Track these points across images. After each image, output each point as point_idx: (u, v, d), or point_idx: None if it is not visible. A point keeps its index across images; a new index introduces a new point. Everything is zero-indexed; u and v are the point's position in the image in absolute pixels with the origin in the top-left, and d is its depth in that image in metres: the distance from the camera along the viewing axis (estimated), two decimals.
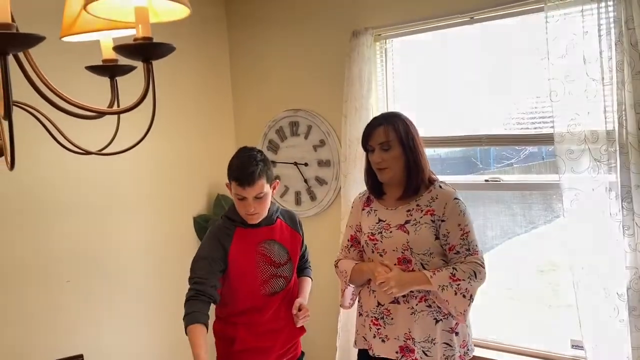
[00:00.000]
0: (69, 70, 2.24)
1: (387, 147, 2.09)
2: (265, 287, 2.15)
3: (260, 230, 2.17)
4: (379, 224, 2.16)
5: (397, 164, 2.10)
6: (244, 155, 2.11)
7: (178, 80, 3.41)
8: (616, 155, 2.29)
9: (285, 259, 2.20)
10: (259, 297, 2.15)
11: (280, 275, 2.19)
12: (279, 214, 2.26)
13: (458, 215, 2.08)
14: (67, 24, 1.13)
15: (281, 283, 2.19)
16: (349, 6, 3.14)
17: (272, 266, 2.17)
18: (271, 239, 2.19)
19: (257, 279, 2.14)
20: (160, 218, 3.33)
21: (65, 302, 2.84)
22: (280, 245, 2.20)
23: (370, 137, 2.13)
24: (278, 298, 2.19)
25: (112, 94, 1.16)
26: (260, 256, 2.15)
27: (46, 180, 2.75)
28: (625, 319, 2.31)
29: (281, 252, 2.20)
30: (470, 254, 2.06)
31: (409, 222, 2.10)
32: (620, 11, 2.21)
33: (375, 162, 2.12)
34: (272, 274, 2.17)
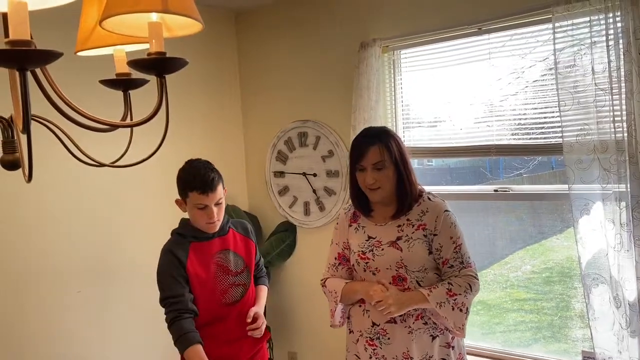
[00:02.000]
0: (81, 83, 2.27)
1: (381, 167, 1.99)
2: (225, 297, 2.19)
3: (213, 241, 2.21)
4: (369, 242, 2.07)
5: (389, 182, 2.01)
6: (197, 166, 2.15)
7: (188, 91, 3.44)
8: (626, 165, 2.29)
9: (241, 267, 2.25)
10: (220, 307, 2.18)
11: (239, 284, 2.23)
12: (230, 224, 2.30)
13: (450, 228, 2.01)
14: (82, 39, 1.15)
15: (240, 291, 2.23)
16: (357, 18, 3.17)
17: (229, 275, 2.20)
18: (226, 248, 2.23)
19: (217, 289, 2.17)
20: (169, 228, 3.34)
21: (75, 312, 2.86)
22: (235, 254, 2.24)
23: (363, 157, 2.01)
24: (238, 306, 2.22)
25: (126, 107, 1.18)
26: (217, 267, 2.18)
27: (57, 192, 2.78)
28: (637, 329, 2.29)
29: (237, 260, 2.24)
30: (464, 266, 2.01)
31: (401, 239, 2.02)
32: (628, 21, 2.21)
33: (367, 183, 2.01)
34: (230, 283, 2.21)
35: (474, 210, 3.18)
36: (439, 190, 3.12)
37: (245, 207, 3.81)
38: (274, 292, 3.71)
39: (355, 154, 2.04)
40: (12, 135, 1.04)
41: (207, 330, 2.15)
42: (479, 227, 3.15)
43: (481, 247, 3.12)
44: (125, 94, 1.18)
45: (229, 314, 2.20)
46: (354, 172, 2.07)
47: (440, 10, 2.84)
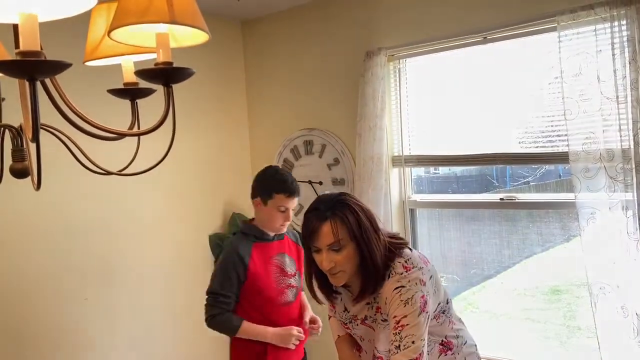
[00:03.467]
0: (90, 93, 2.30)
1: (338, 247, 1.63)
2: (282, 297, 2.34)
3: (273, 244, 2.38)
4: (345, 313, 1.83)
5: (351, 263, 1.66)
6: (284, 172, 2.37)
7: (195, 100, 3.47)
8: (632, 174, 2.28)
9: (294, 270, 2.41)
10: (278, 307, 2.33)
11: (293, 286, 2.39)
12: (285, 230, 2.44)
13: (397, 307, 1.62)
14: (90, 49, 1.17)
15: (293, 293, 2.39)
16: (362, 27, 3.19)
17: (286, 277, 2.36)
18: (282, 252, 2.40)
19: (275, 289, 2.32)
20: (176, 236, 3.36)
21: (83, 320, 2.87)
22: (290, 258, 2.41)
23: (316, 238, 1.64)
24: (291, 308, 2.39)
25: (133, 116, 1.20)
26: (276, 267, 2.35)
27: (64, 200, 2.80)
28: None
29: (291, 264, 2.41)
30: (397, 351, 1.58)
31: (368, 319, 1.76)
32: (634, 30, 2.22)
33: (325, 266, 1.66)
34: (287, 284, 2.36)
35: (480, 218, 3.17)
36: (445, 199, 3.14)
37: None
38: None
39: (306, 232, 1.69)
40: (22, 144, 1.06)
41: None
42: (486, 236, 3.15)
43: (488, 256, 3.10)
44: (132, 103, 1.20)
45: (282, 314, 2.35)
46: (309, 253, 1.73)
47: (446, 19, 2.85)
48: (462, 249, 3.19)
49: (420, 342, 1.59)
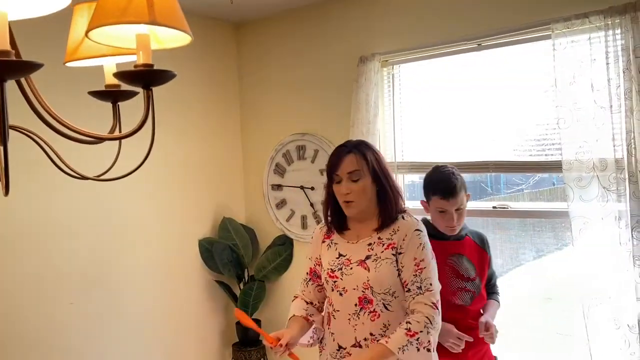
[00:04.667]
0: (73, 94, 2.26)
1: (357, 178, 1.89)
2: (454, 298, 2.19)
3: (449, 243, 2.23)
4: (339, 259, 1.96)
5: (365, 196, 1.91)
6: (443, 172, 2.21)
7: (186, 103, 3.44)
8: (625, 184, 2.26)
9: (473, 274, 2.23)
10: (451, 308, 2.15)
11: (468, 290, 2.21)
12: (467, 231, 2.30)
13: (416, 249, 1.87)
14: (71, 49, 1.14)
15: (469, 297, 2.21)
16: (356, 32, 3.17)
17: (460, 279, 2.21)
18: (459, 253, 2.24)
19: (448, 289, 2.16)
20: (165, 241, 3.32)
21: (68, 324, 2.83)
22: (468, 261, 2.24)
23: (339, 166, 1.91)
24: (466, 311, 2.20)
25: (114, 119, 1.16)
26: (450, 268, 2.20)
27: (49, 203, 2.76)
28: (636, 351, 2.25)
29: (469, 267, 2.23)
30: (421, 292, 1.83)
31: (370, 257, 1.90)
32: (628, 39, 2.21)
33: (342, 193, 1.91)
34: (460, 286, 2.20)
35: (473, 226, 3.14)
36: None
37: (243, 219, 3.78)
38: (270, 306, 3.67)
39: (330, 163, 1.96)
40: None
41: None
42: None
43: None
44: (114, 105, 1.17)
45: (457, 317, 2.18)
46: (331, 184, 1.98)
47: (440, 25, 2.83)
48: None
49: (437, 288, 1.87)
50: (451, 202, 2.14)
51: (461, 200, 2.16)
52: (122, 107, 1.20)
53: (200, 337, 3.54)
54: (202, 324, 3.55)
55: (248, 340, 3.51)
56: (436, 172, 2.24)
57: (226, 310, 3.68)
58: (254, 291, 3.44)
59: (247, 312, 3.47)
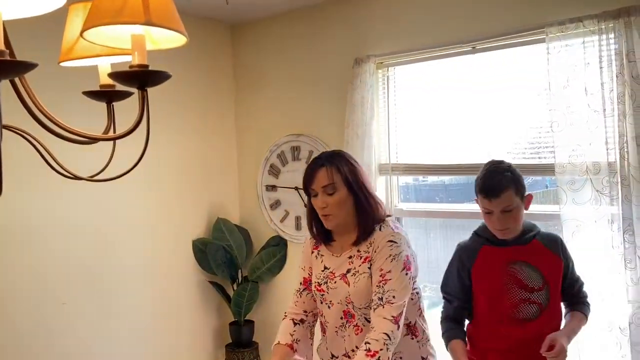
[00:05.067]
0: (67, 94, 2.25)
1: (332, 191, 1.85)
2: (515, 311, 1.95)
3: (509, 249, 1.98)
4: (324, 272, 1.96)
5: (342, 208, 1.86)
6: (490, 167, 2.00)
7: (182, 103, 3.43)
8: (618, 187, 2.28)
9: (539, 284, 1.95)
10: (510, 322, 1.95)
11: (533, 302, 1.95)
12: (536, 234, 2.02)
13: (384, 259, 1.81)
14: (66, 49, 1.14)
15: (534, 309, 1.95)
16: (352, 34, 3.17)
17: (522, 289, 1.95)
18: (522, 260, 1.97)
19: (505, 300, 1.96)
20: (159, 241, 3.32)
21: (61, 325, 2.81)
22: (533, 268, 1.97)
23: (313, 180, 1.87)
24: (534, 326, 1.94)
25: (109, 120, 1.16)
26: (509, 277, 1.96)
27: (42, 203, 2.75)
28: (627, 354, 2.26)
29: (534, 275, 1.96)
30: (381, 304, 1.76)
31: (350, 272, 1.89)
32: (622, 44, 2.22)
33: (319, 207, 1.87)
34: (522, 297, 1.95)
35: (466, 228, 3.13)
36: (430, 208, 3.12)
37: (237, 220, 3.78)
38: (264, 307, 3.67)
39: (305, 178, 1.91)
40: None
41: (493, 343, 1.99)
42: None
43: None
44: (108, 106, 1.16)
45: (514, 333, 1.94)
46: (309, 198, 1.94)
47: (435, 28, 2.84)
48: (447, 258, 3.15)
49: (401, 301, 1.77)
50: (494, 202, 1.91)
51: (508, 200, 1.90)
52: (116, 108, 1.19)
53: (193, 338, 3.53)
54: (195, 324, 3.54)
55: (241, 342, 3.51)
56: (484, 168, 2.02)
57: (219, 311, 3.68)
58: (247, 292, 3.43)
59: (240, 313, 3.47)
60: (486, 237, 2.03)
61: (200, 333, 3.57)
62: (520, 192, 1.94)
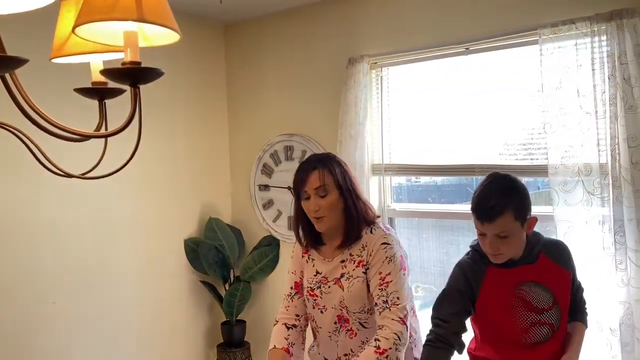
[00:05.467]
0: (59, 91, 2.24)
1: (324, 193, 1.84)
2: (525, 336, 1.81)
3: (517, 270, 1.80)
4: (316, 277, 1.95)
5: (334, 211, 1.86)
6: (490, 184, 1.77)
7: (174, 102, 3.42)
8: (609, 189, 2.29)
9: (549, 303, 1.80)
10: (518, 348, 1.81)
11: (544, 323, 1.80)
12: (542, 247, 1.84)
13: (382, 263, 1.82)
14: (58, 46, 1.13)
15: (545, 331, 1.81)
16: (346, 34, 3.17)
17: (533, 312, 1.80)
18: (531, 280, 1.80)
19: (515, 326, 1.80)
20: (150, 240, 3.30)
21: (51, 324, 2.79)
22: (543, 288, 1.80)
23: (305, 183, 1.85)
24: (544, 349, 1.81)
25: (100, 117, 1.15)
26: (519, 300, 1.80)
27: (33, 201, 2.73)
28: (617, 354, 2.27)
29: (544, 295, 1.80)
30: (387, 307, 1.77)
31: (344, 276, 1.89)
32: (614, 46, 2.23)
33: (311, 210, 1.86)
34: (532, 321, 1.80)
35: (458, 228, 3.16)
36: (423, 209, 3.13)
37: (229, 219, 3.77)
38: (256, 307, 3.66)
39: (296, 180, 1.90)
40: None
41: None
42: (463, 247, 3.13)
43: None
44: (100, 103, 1.15)
45: (533, 358, 1.81)
46: (299, 201, 1.92)
47: (429, 29, 2.85)
48: (440, 259, 3.18)
49: (405, 302, 1.79)
50: (486, 226, 1.72)
51: (504, 225, 1.70)
52: (109, 105, 1.18)
53: (185, 338, 3.51)
54: (187, 324, 3.53)
55: (233, 342, 3.50)
56: (483, 182, 1.80)
57: (211, 311, 3.66)
58: (239, 292, 3.42)
59: (232, 313, 3.46)
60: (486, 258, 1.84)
61: (191, 333, 3.55)
62: (521, 216, 1.73)
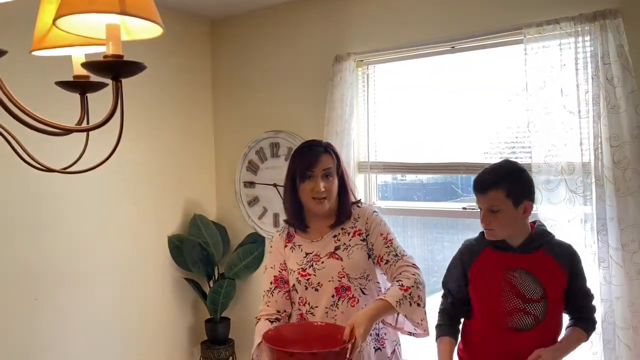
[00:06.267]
0: (40, 84, 2.20)
1: (329, 175, 1.98)
2: (510, 320, 1.88)
3: (512, 255, 1.90)
4: (307, 257, 2.02)
5: (334, 193, 2.01)
6: (496, 164, 1.95)
7: (158, 96, 3.38)
8: (592, 187, 2.32)
9: (538, 295, 1.85)
10: (503, 330, 1.89)
11: (529, 312, 1.86)
12: (545, 242, 1.91)
13: (379, 226, 2.02)
14: (38, 38, 1.10)
15: (528, 321, 1.86)
16: (332, 31, 3.17)
17: (519, 299, 1.87)
18: (523, 268, 1.88)
19: (500, 307, 1.88)
20: (133, 236, 3.27)
21: (32, 321, 2.75)
22: (533, 279, 1.86)
23: (316, 163, 1.96)
24: (526, 337, 1.86)
25: (82, 111, 1.13)
26: (507, 284, 1.88)
27: (12, 196, 2.69)
28: (599, 351, 2.30)
29: (533, 287, 1.86)
30: (398, 258, 1.96)
31: (339, 248, 2.00)
32: (597, 46, 2.25)
33: (317, 190, 1.95)
34: (518, 307, 1.87)
35: (443, 226, 3.18)
36: (408, 207, 3.14)
37: (214, 216, 3.75)
38: (240, 305, 3.64)
39: (306, 161, 1.98)
40: None
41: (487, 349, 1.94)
42: (448, 244, 3.15)
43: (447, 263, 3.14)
44: (82, 97, 1.13)
45: (507, 342, 1.88)
46: (294, 184, 2.01)
47: (415, 27, 2.85)
48: (425, 256, 3.19)
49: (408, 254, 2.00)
50: (480, 198, 1.90)
51: (494, 199, 1.84)
52: (92, 100, 1.17)
53: (169, 335, 3.49)
54: (171, 321, 3.50)
55: (217, 339, 3.48)
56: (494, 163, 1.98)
57: (195, 308, 3.64)
58: (223, 289, 3.41)
59: (217, 310, 3.44)
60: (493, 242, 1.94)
61: (175, 330, 3.53)
62: (513, 196, 1.83)
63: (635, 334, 2.22)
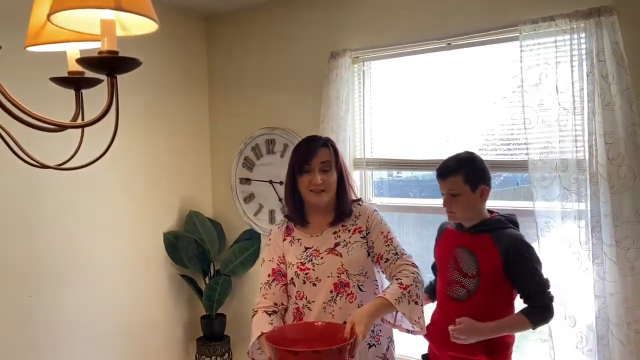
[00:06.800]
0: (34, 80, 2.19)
1: (328, 168, 2.02)
2: (449, 289, 2.14)
3: (462, 235, 2.15)
4: (306, 252, 2.03)
5: (333, 187, 2.04)
6: (455, 154, 2.17)
7: (154, 93, 3.37)
8: (586, 184, 2.32)
9: (473, 272, 2.06)
10: (445, 297, 2.16)
11: (464, 286, 2.08)
12: (494, 230, 2.07)
13: (379, 224, 2.06)
14: (33, 33, 1.10)
15: (461, 293, 2.09)
16: (328, 28, 3.16)
17: (458, 272, 2.11)
18: (467, 246, 2.10)
19: (444, 278, 2.16)
20: (129, 233, 3.26)
21: (27, 318, 2.75)
22: (473, 257, 2.07)
23: (314, 157, 2.00)
24: (458, 307, 2.07)
25: (77, 107, 1.13)
26: (452, 258, 2.14)
27: (7, 193, 2.68)
28: (593, 348, 2.31)
29: (471, 264, 2.07)
30: (398, 257, 2.00)
31: (339, 244, 2.02)
32: (592, 44, 2.26)
33: (316, 183, 1.99)
34: (455, 279, 2.11)
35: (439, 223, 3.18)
36: (404, 203, 3.15)
37: (210, 213, 3.74)
38: (236, 301, 3.65)
39: (303, 155, 2.03)
40: None
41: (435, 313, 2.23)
42: None
43: None
44: (77, 93, 1.13)
45: (450, 309, 2.11)
46: (294, 177, 2.05)
47: (411, 24, 2.85)
48: (420, 253, 3.19)
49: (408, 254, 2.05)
50: (441, 183, 2.13)
51: (453, 184, 2.07)
52: (87, 96, 1.16)
53: (165, 331, 3.49)
54: (167, 318, 3.50)
55: (213, 335, 3.48)
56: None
57: (191, 305, 3.64)
58: (219, 286, 3.41)
59: (212, 307, 3.44)
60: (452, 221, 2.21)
61: (171, 326, 3.53)
62: (470, 181, 2.06)
63: (629, 330, 2.23)
